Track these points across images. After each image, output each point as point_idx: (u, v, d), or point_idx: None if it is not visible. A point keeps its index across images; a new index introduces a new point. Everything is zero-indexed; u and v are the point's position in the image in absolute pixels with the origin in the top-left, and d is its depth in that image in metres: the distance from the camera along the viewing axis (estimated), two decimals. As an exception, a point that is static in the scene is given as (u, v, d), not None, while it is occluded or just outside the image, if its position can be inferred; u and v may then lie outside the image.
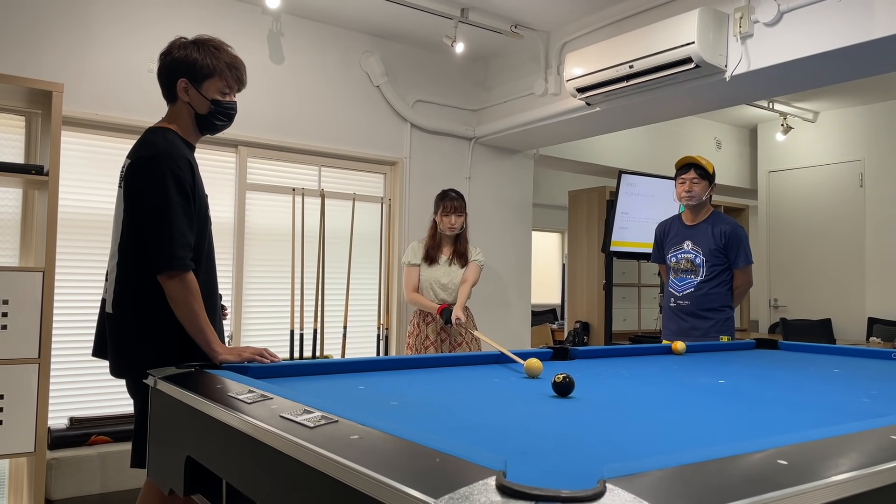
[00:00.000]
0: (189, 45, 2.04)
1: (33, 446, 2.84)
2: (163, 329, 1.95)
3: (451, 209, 3.78)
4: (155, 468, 1.75)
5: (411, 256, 3.86)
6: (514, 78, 4.77)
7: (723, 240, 3.38)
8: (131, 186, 1.97)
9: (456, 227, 3.80)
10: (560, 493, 0.74)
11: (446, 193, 3.86)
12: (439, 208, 3.82)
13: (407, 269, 3.85)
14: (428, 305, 3.74)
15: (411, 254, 3.88)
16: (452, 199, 3.80)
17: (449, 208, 3.78)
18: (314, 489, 1.01)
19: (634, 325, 6.50)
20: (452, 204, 3.79)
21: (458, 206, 3.80)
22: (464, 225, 3.86)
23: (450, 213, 3.79)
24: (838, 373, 2.22)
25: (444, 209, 3.80)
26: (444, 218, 3.80)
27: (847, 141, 6.14)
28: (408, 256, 3.88)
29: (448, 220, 3.79)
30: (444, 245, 3.87)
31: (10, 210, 3.36)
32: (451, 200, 3.80)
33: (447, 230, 3.81)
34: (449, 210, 3.78)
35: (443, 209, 3.80)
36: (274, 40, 4.18)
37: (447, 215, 3.79)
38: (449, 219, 3.79)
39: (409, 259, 3.86)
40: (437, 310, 3.68)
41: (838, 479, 0.87)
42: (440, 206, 3.82)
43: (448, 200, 3.80)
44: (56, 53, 3.47)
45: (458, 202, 3.81)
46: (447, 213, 3.79)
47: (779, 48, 3.22)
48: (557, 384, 1.67)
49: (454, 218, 3.79)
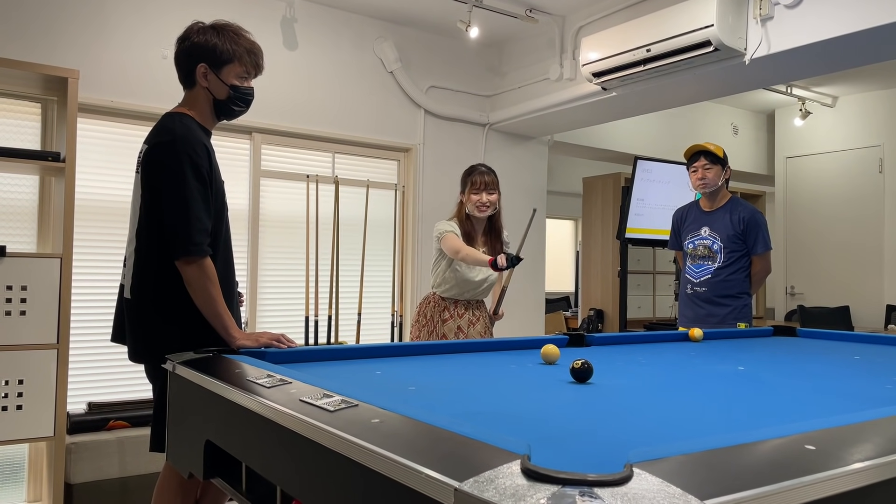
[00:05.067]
0: (208, 29, 2.03)
1: (53, 431, 2.87)
2: (180, 314, 1.95)
3: (481, 185, 3.17)
4: (174, 452, 1.76)
5: (447, 226, 3.19)
6: (529, 63, 4.73)
7: (741, 226, 3.34)
8: (148, 172, 1.97)
9: (488, 207, 3.19)
10: (587, 477, 0.74)
11: (474, 168, 3.25)
12: (467, 185, 3.21)
13: (450, 236, 3.11)
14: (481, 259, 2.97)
15: (445, 224, 3.21)
16: (482, 174, 3.19)
17: (479, 184, 3.17)
18: (335, 473, 1.00)
19: (649, 313, 6.47)
20: (483, 179, 3.18)
21: (490, 180, 3.19)
22: (497, 205, 3.25)
23: (480, 189, 3.16)
24: (859, 360, 2.19)
25: (472, 185, 3.18)
26: (472, 196, 3.17)
27: (866, 126, 6.05)
28: (442, 227, 3.19)
29: (478, 197, 3.17)
30: (475, 232, 3.26)
31: (28, 197, 3.38)
32: (481, 175, 3.19)
33: (477, 211, 3.18)
34: (479, 186, 3.16)
35: (471, 185, 3.18)
36: (287, 26, 4.16)
37: (476, 192, 3.16)
38: (479, 196, 3.17)
39: (446, 228, 3.17)
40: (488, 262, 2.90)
41: (869, 465, 0.86)
42: (468, 183, 3.21)
43: (477, 175, 3.19)
44: (72, 40, 3.48)
45: (490, 176, 3.20)
46: (477, 189, 3.16)
47: (800, 30, 3.17)
48: (576, 370, 1.65)
49: (485, 195, 3.17)
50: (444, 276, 3.21)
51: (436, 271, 3.25)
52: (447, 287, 3.22)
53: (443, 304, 3.24)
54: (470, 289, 3.23)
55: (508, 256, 2.80)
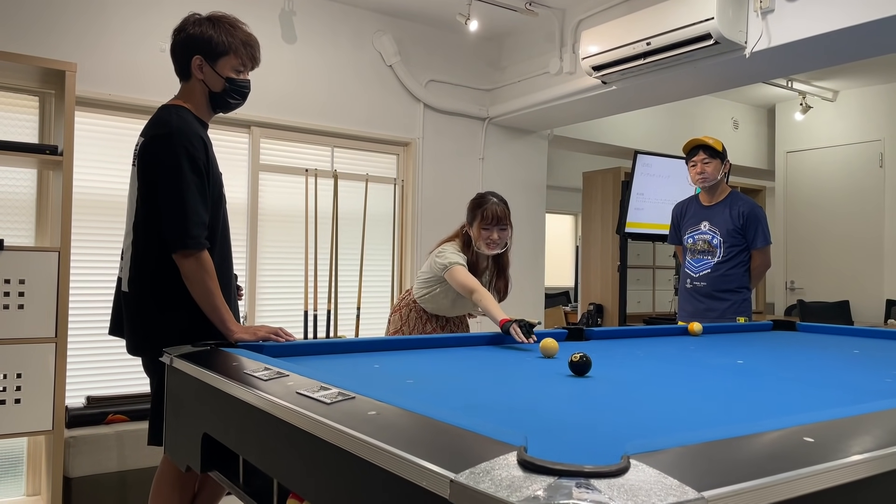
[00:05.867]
0: (204, 21, 2.02)
1: (51, 425, 2.87)
2: (178, 307, 1.95)
3: (492, 220, 2.72)
4: (172, 446, 1.75)
5: (456, 257, 2.74)
6: (529, 57, 4.72)
7: (741, 220, 3.33)
8: (145, 165, 1.96)
9: (499, 245, 2.77)
10: (583, 468, 0.73)
11: (485, 198, 2.79)
12: (476, 218, 2.76)
13: (459, 270, 2.67)
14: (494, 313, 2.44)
15: (453, 255, 2.76)
16: (495, 206, 2.74)
17: (490, 218, 2.72)
18: (332, 465, 1.00)
19: (649, 308, 6.47)
20: (494, 212, 2.73)
21: (503, 214, 2.75)
22: (507, 242, 2.82)
23: (491, 224, 2.73)
24: (858, 354, 2.19)
25: (482, 219, 2.73)
26: (482, 231, 2.74)
27: (867, 120, 6.03)
28: (451, 257, 2.74)
29: (489, 233, 2.74)
30: (479, 265, 2.83)
31: (26, 190, 3.37)
32: (493, 207, 2.74)
33: (486, 248, 2.75)
34: (490, 221, 2.72)
35: (481, 219, 2.74)
36: (286, 19, 4.14)
37: (487, 228, 2.73)
38: (490, 233, 2.73)
39: (455, 260, 2.72)
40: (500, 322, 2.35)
41: (868, 457, 0.85)
42: (477, 216, 2.76)
43: (489, 207, 2.74)
44: (69, 33, 3.46)
45: (502, 208, 2.76)
46: (487, 225, 2.73)
47: (801, 23, 3.15)
48: (574, 363, 1.65)
49: (497, 233, 2.74)
50: (437, 298, 2.89)
51: (428, 289, 2.90)
52: (434, 306, 2.93)
53: (425, 316, 2.97)
54: (458, 313, 3.00)
55: (522, 325, 2.26)
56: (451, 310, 2.93)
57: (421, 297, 2.93)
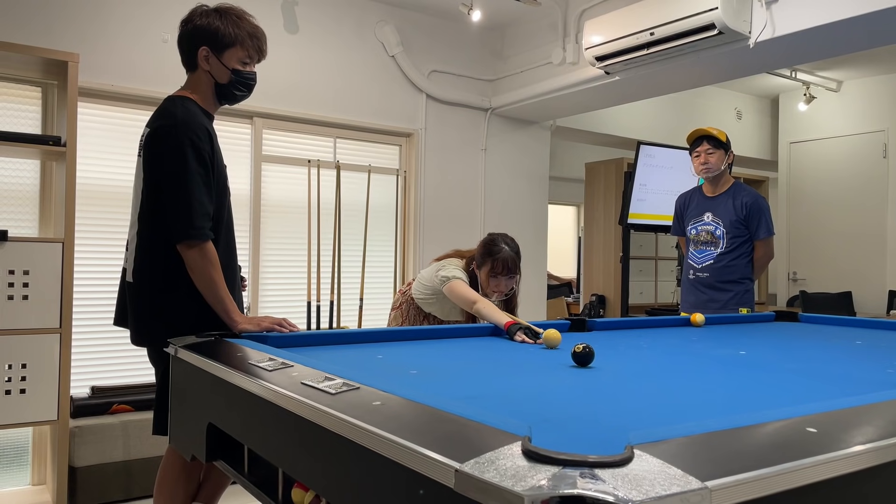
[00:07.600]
0: (211, 13, 2.02)
1: (56, 415, 2.89)
2: (182, 298, 1.95)
3: (503, 270, 2.65)
4: (177, 435, 1.77)
5: (457, 272, 2.69)
6: (532, 47, 4.70)
7: (744, 211, 3.33)
8: (150, 156, 1.96)
9: (505, 293, 2.73)
10: (587, 458, 0.74)
11: (497, 245, 2.69)
12: (486, 265, 2.68)
13: (458, 284, 2.61)
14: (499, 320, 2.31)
15: (456, 270, 2.71)
16: (506, 256, 2.66)
17: (500, 268, 2.65)
18: (336, 455, 1.01)
19: (651, 299, 6.46)
20: (505, 262, 2.65)
21: (513, 265, 2.68)
22: (515, 288, 2.76)
23: (499, 274, 2.66)
24: (861, 345, 2.19)
25: (492, 267, 2.66)
26: (490, 280, 2.68)
27: (871, 111, 6.01)
28: (453, 272, 2.69)
29: (497, 283, 2.68)
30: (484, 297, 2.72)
31: (29, 181, 3.37)
32: (505, 256, 2.65)
33: (492, 294, 2.70)
34: (500, 271, 2.65)
35: (491, 267, 2.66)
36: (288, 10, 4.13)
37: (495, 276, 2.67)
38: (497, 282, 2.67)
39: (454, 274, 2.67)
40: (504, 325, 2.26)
41: (870, 447, 0.85)
42: (487, 263, 2.67)
43: (500, 257, 2.65)
44: (72, 24, 3.46)
45: (513, 257, 2.68)
46: (495, 273, 2.66)
47: (805, 13, 3.14)
48: (577, 354, 1.66)
49: (504, 282, 2.68)
50: (432, 307, 2.88)
51: (424, 297, 2.88)
52: (434, 310, 2.91)
53: (422, 314, 2.96)
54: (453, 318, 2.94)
55: (528, 332, 2.16)
56: (448, 315, 2.92)
57: (421, 299, 2.93)
